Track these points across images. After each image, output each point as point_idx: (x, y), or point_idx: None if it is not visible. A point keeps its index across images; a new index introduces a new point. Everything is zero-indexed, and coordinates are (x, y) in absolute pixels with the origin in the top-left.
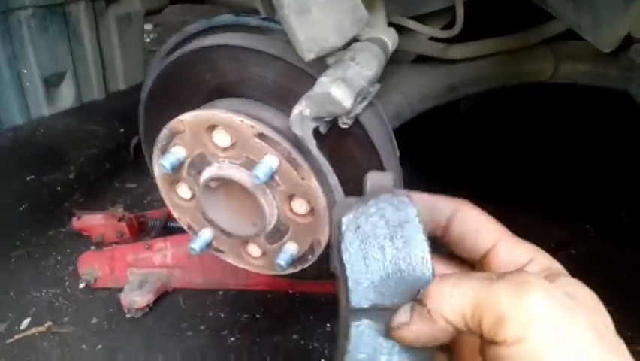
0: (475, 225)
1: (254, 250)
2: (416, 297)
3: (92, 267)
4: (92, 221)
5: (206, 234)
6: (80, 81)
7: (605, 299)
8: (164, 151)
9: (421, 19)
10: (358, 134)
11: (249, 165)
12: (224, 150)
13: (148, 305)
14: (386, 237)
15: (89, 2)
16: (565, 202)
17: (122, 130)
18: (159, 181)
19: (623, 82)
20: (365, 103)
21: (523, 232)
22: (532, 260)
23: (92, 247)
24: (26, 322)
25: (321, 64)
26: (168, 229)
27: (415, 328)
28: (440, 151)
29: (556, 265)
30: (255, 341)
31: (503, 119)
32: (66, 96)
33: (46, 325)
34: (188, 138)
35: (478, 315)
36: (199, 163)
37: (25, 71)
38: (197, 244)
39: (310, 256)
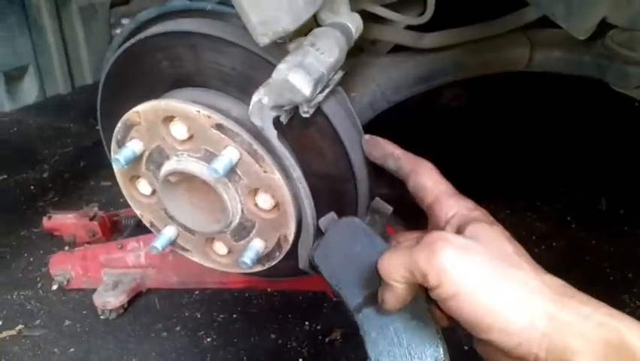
0: (423, 182)
1: (220, 247)
2: None
3: (64, 268)
4: (63, 221)
5: (169, 232)
6: (43, 75)
7: (588, 291)
8: (120, 145)
9: (394, 7)
10: (322, 123)
11: (209, 158)
12: (183, 142)
13: (122, 306)
14: (347, 248)
15: None
16: (546, 195)
17: (96, 127)
18: (118, 177)
19: (599, 70)
20: (327, 91)
21: (504, 224)
22: (457, 213)
23: (67, 248)
24: None
25: (281, 50)
26: (143, 227)
27: (388, 297)
28: (418, 145)
29: (475, 213)
30: (232, 341)
31: (485, 112)
32: (29, 91)
33: (17, 328)
34: (144, 131)
35: (412, 275)
36: (158, 157)
37: None
38: (159, 243)
39: (277, 253)
